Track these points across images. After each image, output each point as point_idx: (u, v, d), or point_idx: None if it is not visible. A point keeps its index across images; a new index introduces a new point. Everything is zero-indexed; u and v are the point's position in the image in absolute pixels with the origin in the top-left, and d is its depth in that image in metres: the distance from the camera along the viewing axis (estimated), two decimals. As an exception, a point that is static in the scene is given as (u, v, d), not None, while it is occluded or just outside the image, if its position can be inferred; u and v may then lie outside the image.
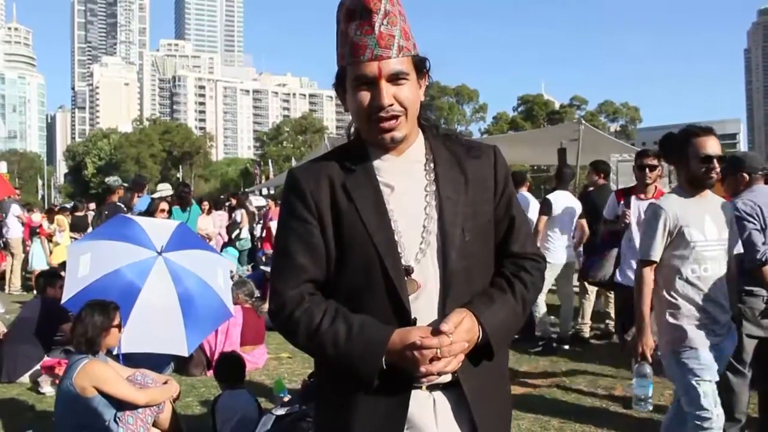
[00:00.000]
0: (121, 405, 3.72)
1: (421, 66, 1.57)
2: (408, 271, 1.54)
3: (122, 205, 9.03)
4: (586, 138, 13.96)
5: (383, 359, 1.47)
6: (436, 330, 1.46)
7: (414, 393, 1.54)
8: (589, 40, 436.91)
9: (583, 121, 14.78)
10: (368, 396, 1.52)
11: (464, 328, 1.48)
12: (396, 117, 1.52)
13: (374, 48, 1.49)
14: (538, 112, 73.32)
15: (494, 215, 1.65)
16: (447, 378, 1.55)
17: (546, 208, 6.49)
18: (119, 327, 3.93)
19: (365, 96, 1.51)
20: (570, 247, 6.64)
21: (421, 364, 1.45)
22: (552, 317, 6.86)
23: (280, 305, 1.57)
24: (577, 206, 6.73)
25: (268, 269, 8.59)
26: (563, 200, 6.61)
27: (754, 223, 3.68)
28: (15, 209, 12.32)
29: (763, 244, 3.66)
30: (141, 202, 8.86)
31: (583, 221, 6.77)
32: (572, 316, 6.95)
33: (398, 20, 1.52)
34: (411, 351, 1.45)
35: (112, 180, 10.22)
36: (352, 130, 1.66)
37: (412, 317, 1.51)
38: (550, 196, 6.62)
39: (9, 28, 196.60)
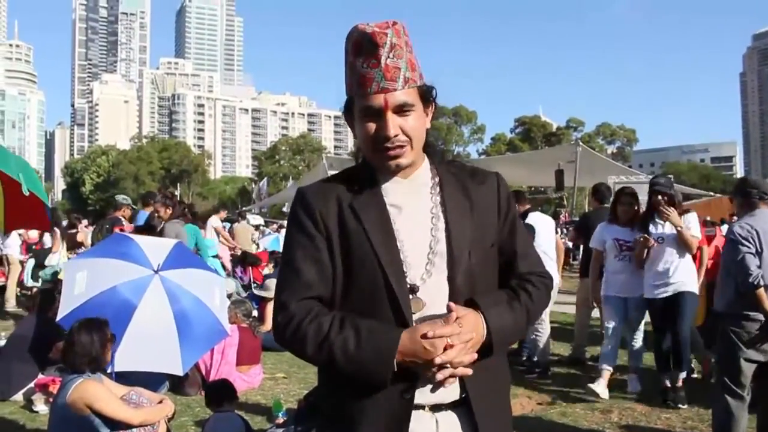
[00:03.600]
0: (115, 425, 3.69)
1: (427, 95, 1.62)
2: (413, 289, 1.56)
3: (122, 219, 9.03)
4: (583, 160, 14.06)
5: (395, 362, 1.48)
6: (438, 321, 1.49)
7: (417, 414, 1.55)
8: (587, 63, 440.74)
9: (581, 143, 14.90)
10: (369, 415, 1.53)
11: (470, 321, 1.50)
12: (401, 146, 1.57)
13: (380, 81, 1.54)
14: (536, 134, 73.71)
15: (498, 240, 1.69)
16: (453, 397, 1.56)
17: (530, 232, 6.54)
18: (112, 341, 3.94)
19: (371, 127, 1.56)
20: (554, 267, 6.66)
21: (434, 354, 1.45)
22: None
23: (288, 318, 1.56)
24: (552, 225, 6.99)
25: (263, 293, 8.53)
26: (542, 222, 6.68)
27: (749, 247, 3.71)
28: None
29: (758, 267, 3.67)
30: (139, 216, 8.87)
31: (558, 239, 7.07)
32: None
33: (404, 52, 1.56)
34: (422, 344, 1.46)
35: (121, 198, 10.13)
36: (360, 154, 1.70)
37: None
38: (529, 221, 6.63)
39: (10, 45, 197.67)
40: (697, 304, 5.52)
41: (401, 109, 1.56)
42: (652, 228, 5.34)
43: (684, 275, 5.27)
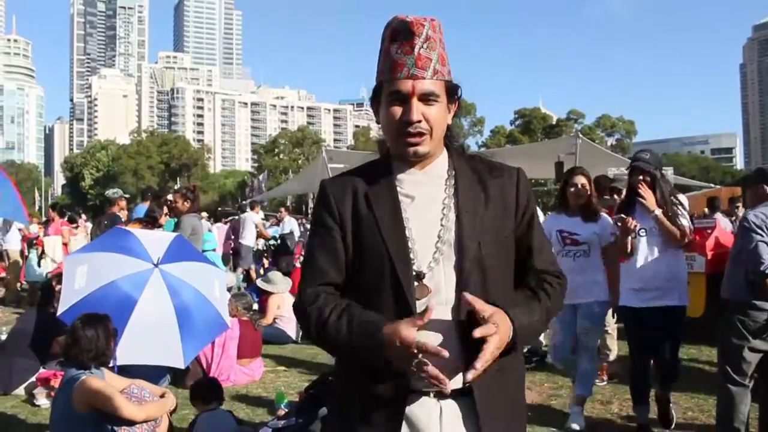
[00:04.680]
0: (117, 420, 3.69)
1: (452, 92, 1.68)
2: (419, 276, 1.61)
3: (120, 216, 9.03)
4: (583, 152, 14.03)
5: (382, 355, 1.52)
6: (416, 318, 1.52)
7: (421, 401, 1.59)
8: (587, 55, 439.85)
9: (580, 135, 14.87)
10: (369, 401, 1.59)
11: (501, 320, 1.52)
12: (422, 134, 1.62)
13: (411, 67, 1.60)
14: (536, 126, 73.54)
15: (515, 233, 1.72)
16: (457, 385, 1.57)
17: None
18: (114, 336, 3.94)
19: (397, 111, 1.63)
20: None
21: (407, 366, 1.50)
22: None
23: (300, 302, 1.68)
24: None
25: (266, 286, 8.53)
26: None
27: (762, 235, 3.69)
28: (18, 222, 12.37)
29: None
30: (137, 209, 8.87)
31: None
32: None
33: (437, 46, 1.64)
34: (403, 349, 1.49)
35: (111, 192, 10.11)
36: (385, 147, 1.77)
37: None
38: None
39: (8, 40, 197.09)
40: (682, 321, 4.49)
41: (427, 98, 1.61)
42: (636, 219, 4.31)
43: (674, 282, 4.32)
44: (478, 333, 1.48)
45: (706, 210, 13.18)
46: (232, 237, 13.76)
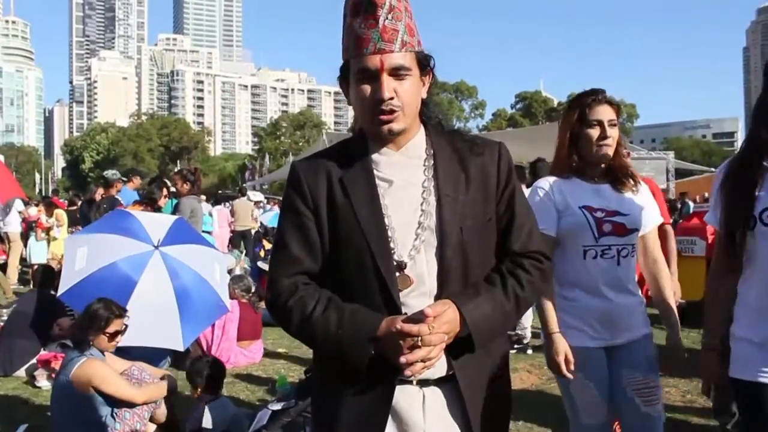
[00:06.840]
0: (117, 401, 3.70)
1: (424, 63, 1.58)
2: (401, 266, 1.54)
3: (119, 198, 9.00)
4: (584, 135, 14.01)
5: (372, 347, 1.48)
6: (418, 318, 1.46)
7: (403, 387, 1.54)
8: (588, 38, 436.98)
9: (582, 118, 14.81)
10: (355, 389, 1.53)
11: (445, 319, 1.47)
12: (394, 111, 1.52)
13: (377, 42, 1.50)
14: (537, 109, 73.33)
15: (496, 212, 1.64)
16: (440, 373, 1.55)
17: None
18: (113, 336, 3.85)
19: (366, 89, 1.53)
20: None
21: (401, 352, 1.44)
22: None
23: (276, 294, 1.59)
24: None
25: (265, 266, 8.56)
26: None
27: None
28: (18, 204, 12.39)
29: None
30: (127, 193, 8.85)
31: None
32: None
33: (403, 16, 1.53)
34: (393, 338, 1.45)
35: (110, 173, 10.07)
36: (357, 125, 1.67)
37: (403, 313, 1.51)
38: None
39: (7, 22, 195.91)
40: None
41: (397, 72, 1.52)
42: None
43: None
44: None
45: (706, 193, 13.16)
46: (231, 219, 13.79)
